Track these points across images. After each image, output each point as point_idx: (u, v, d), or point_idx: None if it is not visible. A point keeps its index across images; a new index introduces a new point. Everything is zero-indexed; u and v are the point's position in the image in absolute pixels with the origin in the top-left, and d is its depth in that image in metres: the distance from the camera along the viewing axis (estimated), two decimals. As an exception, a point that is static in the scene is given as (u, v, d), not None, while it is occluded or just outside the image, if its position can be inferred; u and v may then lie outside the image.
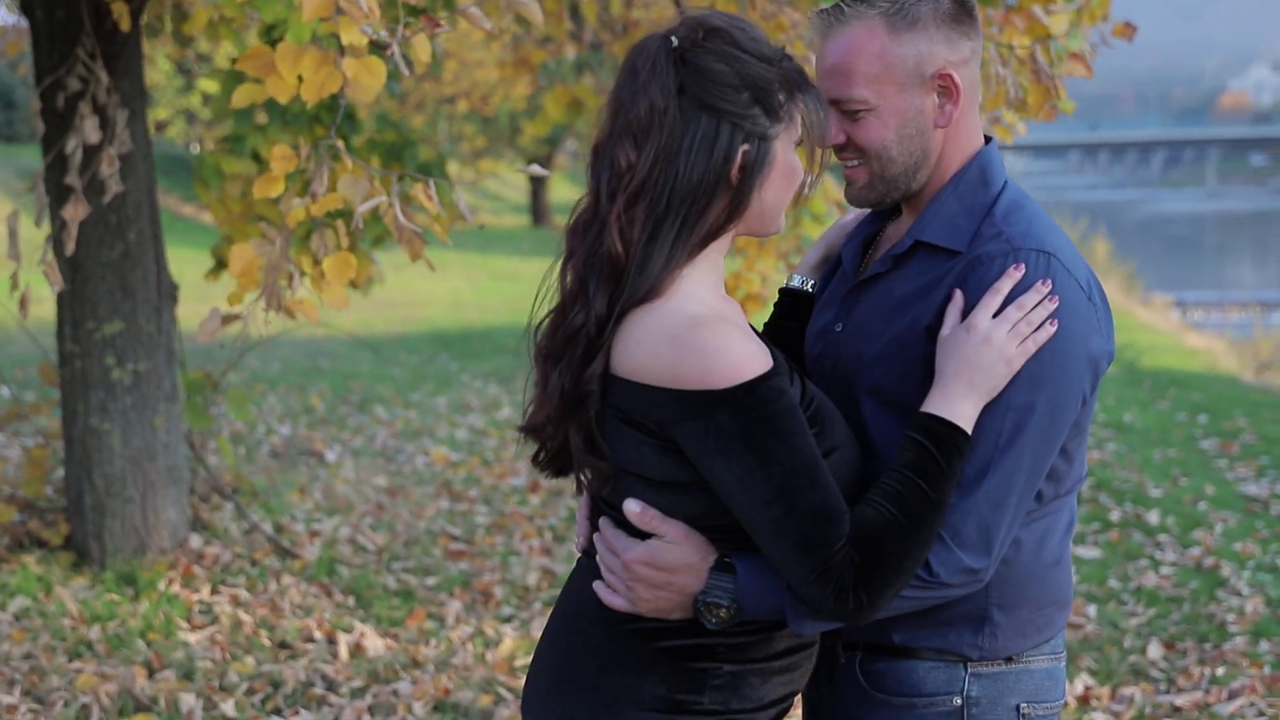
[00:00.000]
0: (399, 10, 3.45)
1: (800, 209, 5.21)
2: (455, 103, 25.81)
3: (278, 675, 4.67)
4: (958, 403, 1.88)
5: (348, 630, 5.13)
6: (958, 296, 1.96)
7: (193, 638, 4.95)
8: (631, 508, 1.87)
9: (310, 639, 5.06)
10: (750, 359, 1.78)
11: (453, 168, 24.82)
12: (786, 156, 1.87)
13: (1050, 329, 1.92)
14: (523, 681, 4.67)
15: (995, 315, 1.91)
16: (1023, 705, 2.08)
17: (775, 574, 1.86)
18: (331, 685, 4.65)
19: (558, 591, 5.65)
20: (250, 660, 4.79)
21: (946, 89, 2.02)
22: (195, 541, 5.82)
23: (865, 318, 2.08)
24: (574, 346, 1.85)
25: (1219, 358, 14.21)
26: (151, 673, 4.67)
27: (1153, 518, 6.96)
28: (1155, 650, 5.06)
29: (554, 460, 1.98)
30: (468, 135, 30.16)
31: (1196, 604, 5.62)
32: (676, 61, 1.82)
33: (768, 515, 1.79)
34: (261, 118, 5.59)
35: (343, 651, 4.90)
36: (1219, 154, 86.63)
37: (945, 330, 1.94)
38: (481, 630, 5.20)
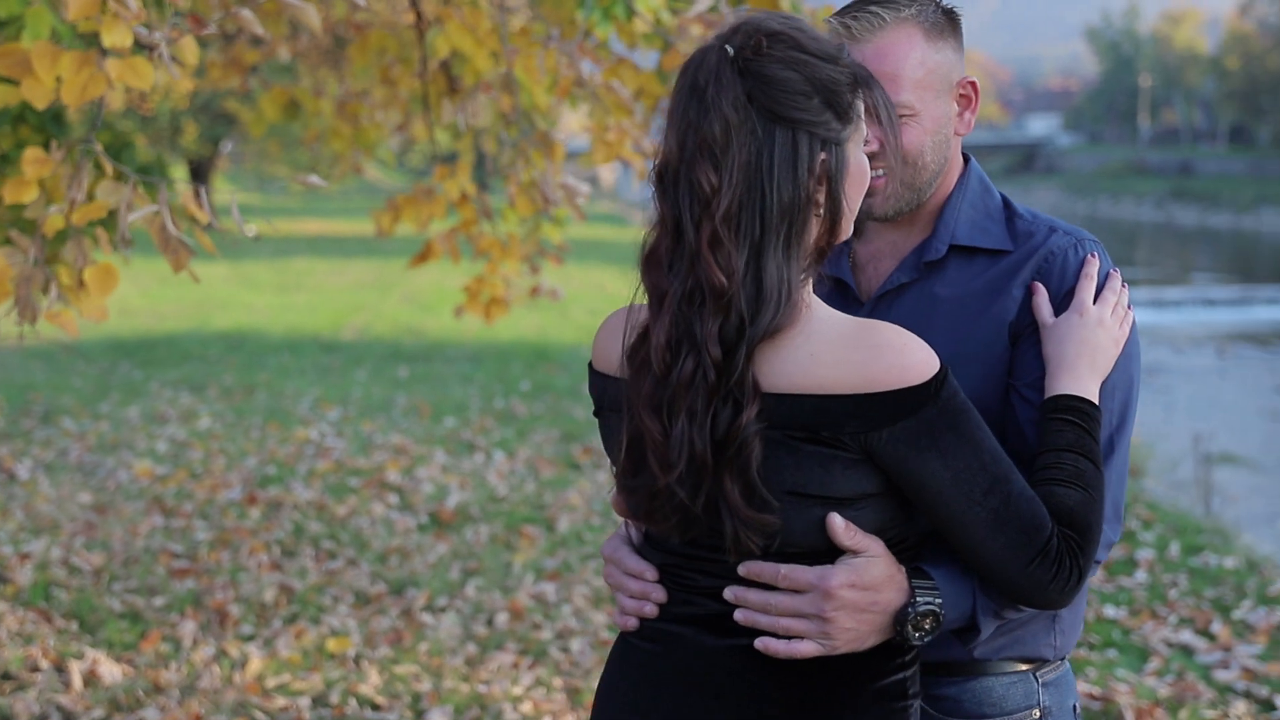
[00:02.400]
0: (165, 10, 3.31)
1: (543, 213, 5.22)
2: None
3: (7, 709, 4.40)
4: (1087, 383, 1.90)
5: (78, 657, 4.86)
6: (1041, 289, 1.98)
7: (-98, 675, 4.61)
8: (836, 522, 1.71)
9: (36, 668, 4.78)
10: (932, 352, 1.70)
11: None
12: (858, 158, 1.76)
13: (1132, 311, 2.01)
14: (279, 702, 4.56)
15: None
16: (1076, 705, 2.11)
17: (963, 576, 1.80)
18: (69, 717, 4.41)
19: (298, 609, 5.50)
20: (-28, 695, 4.50)
21: (966, 97, 2.04)
22: (-108, 571, 5.41)
23: (908, 325, 1.91)
24: (692, 394, 1.67)
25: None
26: None
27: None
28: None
29: (676, 515, 1.75)
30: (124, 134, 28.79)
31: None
32: (740, 71, 1.68)
33: (986, 506, 1.71)
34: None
35: (76, 680, 4.65)
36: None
37: (1048, 319, 1.95)
38: (224, 651, 5.01)
